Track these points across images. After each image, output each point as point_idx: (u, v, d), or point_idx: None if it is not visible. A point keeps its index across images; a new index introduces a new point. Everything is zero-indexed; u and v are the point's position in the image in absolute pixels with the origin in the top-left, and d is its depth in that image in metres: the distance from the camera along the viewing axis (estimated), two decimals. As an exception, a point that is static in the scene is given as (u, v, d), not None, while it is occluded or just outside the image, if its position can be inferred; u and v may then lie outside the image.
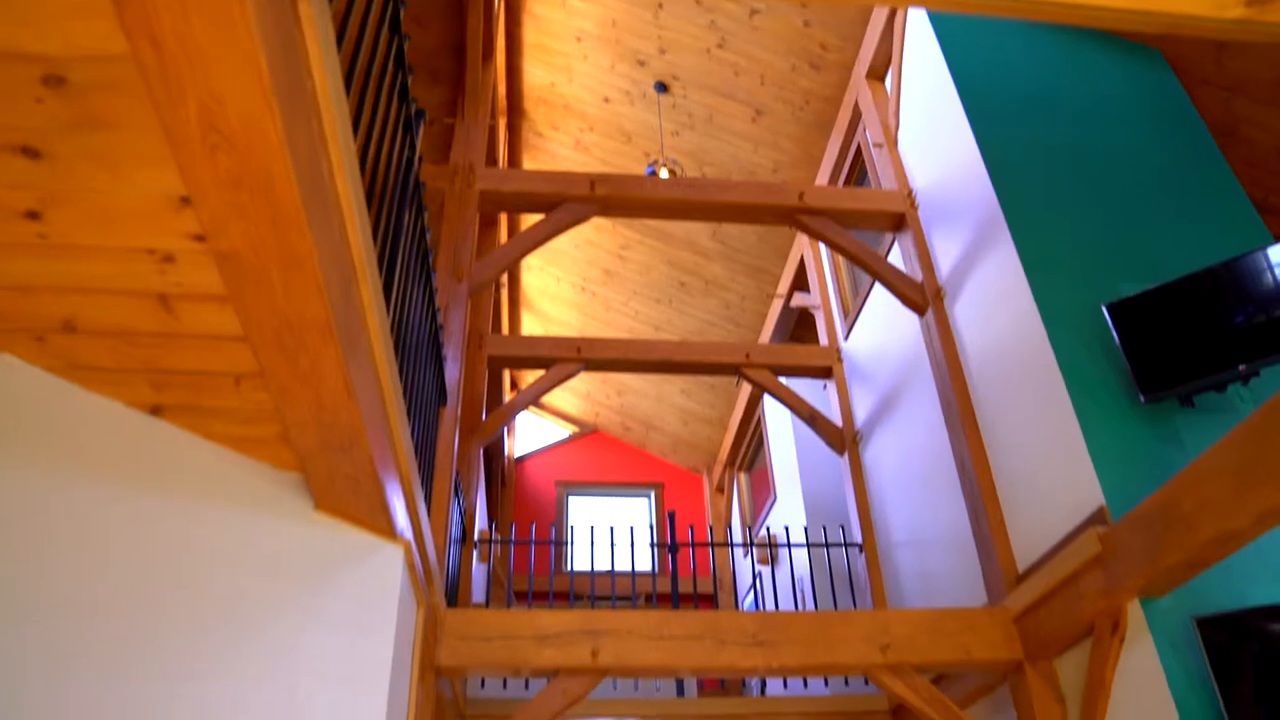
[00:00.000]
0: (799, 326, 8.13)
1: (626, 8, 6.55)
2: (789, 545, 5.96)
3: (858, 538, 6.01)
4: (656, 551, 9.64)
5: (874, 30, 5.85)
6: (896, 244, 5.56)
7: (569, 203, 5.15)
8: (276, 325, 1.82)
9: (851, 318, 6.47)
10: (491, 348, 6.17)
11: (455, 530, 4.95)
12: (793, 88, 6.47)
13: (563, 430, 11.17)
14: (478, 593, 6.14)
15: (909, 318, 5.43)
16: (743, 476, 9.62)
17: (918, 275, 5.15)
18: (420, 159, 3.13)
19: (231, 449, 2.53)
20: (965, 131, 4.80)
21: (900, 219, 5.38)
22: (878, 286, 5.98)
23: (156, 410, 2.42)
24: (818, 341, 7.05)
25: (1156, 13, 1.95)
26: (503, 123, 7.51)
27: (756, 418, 8.77)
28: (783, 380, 6.49)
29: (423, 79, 6.51)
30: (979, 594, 4.46)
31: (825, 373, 6.61)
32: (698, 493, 10.68)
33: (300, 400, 2.03)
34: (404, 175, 2.84)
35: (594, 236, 8.37)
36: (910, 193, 5.43)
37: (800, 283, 7.55)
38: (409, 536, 2.78)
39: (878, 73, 5.99)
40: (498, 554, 8.24)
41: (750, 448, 9.31)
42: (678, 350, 6.30)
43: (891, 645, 3.97)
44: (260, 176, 1.49)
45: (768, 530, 7.67)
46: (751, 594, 7.90)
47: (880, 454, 5.90)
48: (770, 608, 7.55)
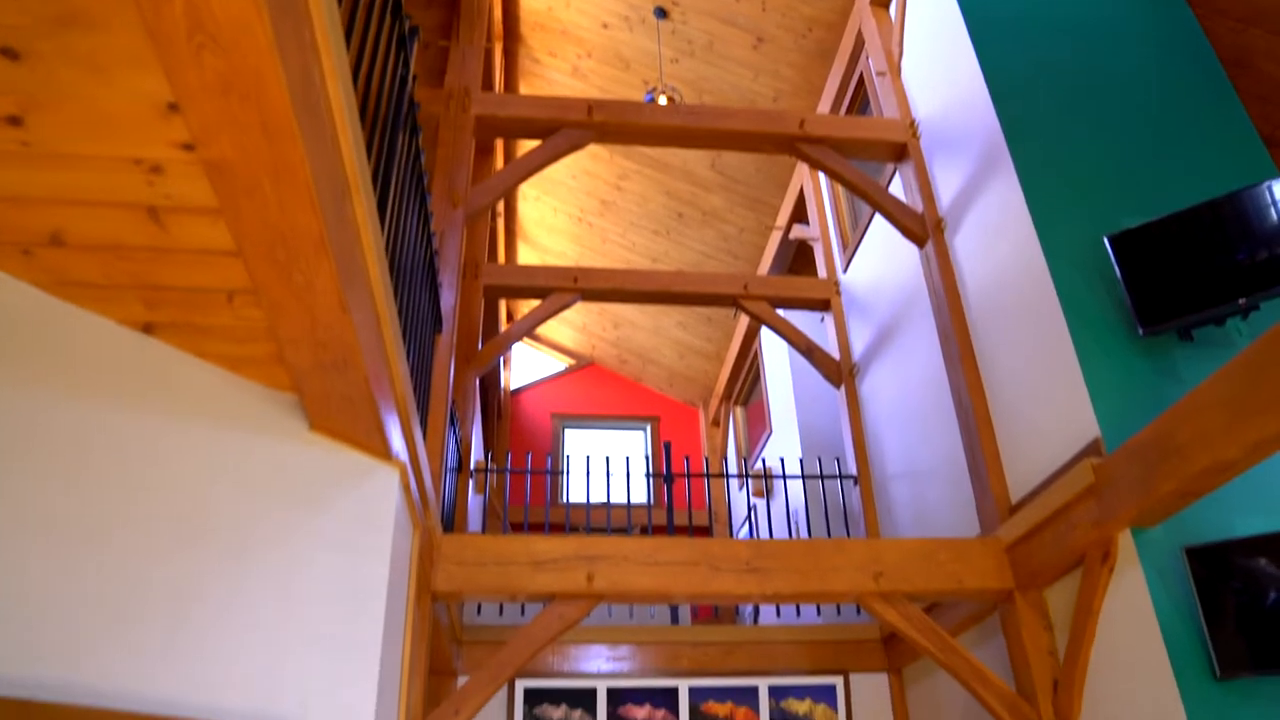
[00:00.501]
0: (797, 260, 8.09)
1: (626, -71, 6.39)
2: (784, 477, 5.99)
3: (853, 470, 6.04)
4: (652, 483, 9.71)
5: (879, -46, 5.73)
6: (898, 174, 5.50)
7: (566, 129, 5.07)
8: (269, 239, 1.79)
9: (850, 250, 6.42)
10: (488, 277, 6.12)
11: (451, 459, 4.96)
12: (795, 14, 6.34)
13: (559, 363, 11.17)
14: (474, 524, 6.18)
15: (908, 250, 5.39)
16: (739, 410, 9.65)
17: (918, 206, 5.10)
18: (415, 78, 3.07)
19: (225, 368, 2.52)
20: (970, 59, 4.72)
21: (902, 149, 5.31)
22: (877, 218, 5.93)
23: (148, 328, 2.39)
24: (816, 275, 7.01)
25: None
26: (499, 48, 7.36)
27: (753, 351, 8.76)
28: (780, 313, 6.46)
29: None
30: (972, 525, 4.50)
31: (823, 305, 6.58)
32: (693, 426, 10.72)
33: (294, 317, 2.00)
34: (397, 93, 2.78)
35: (591, 167, 8.27)
36: (913, 122, 5.35)
37: (799, 215, 7.48)
38: (404, 459, 2.77)
39: (882, -1, 5.89)
40: (494, 485, 8.29)
41: (747, 381, 9.32)
42: (675, 281, 6.25)
43: (884, 574, 4.01)
44: (249, 80, 1.45)
45: (763, 462, 7.71)
46: (746, 526, 7.98)
47: (877, 387, 5.90)
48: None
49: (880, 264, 5.93)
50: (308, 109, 1.57)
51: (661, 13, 6.85)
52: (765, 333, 8.28)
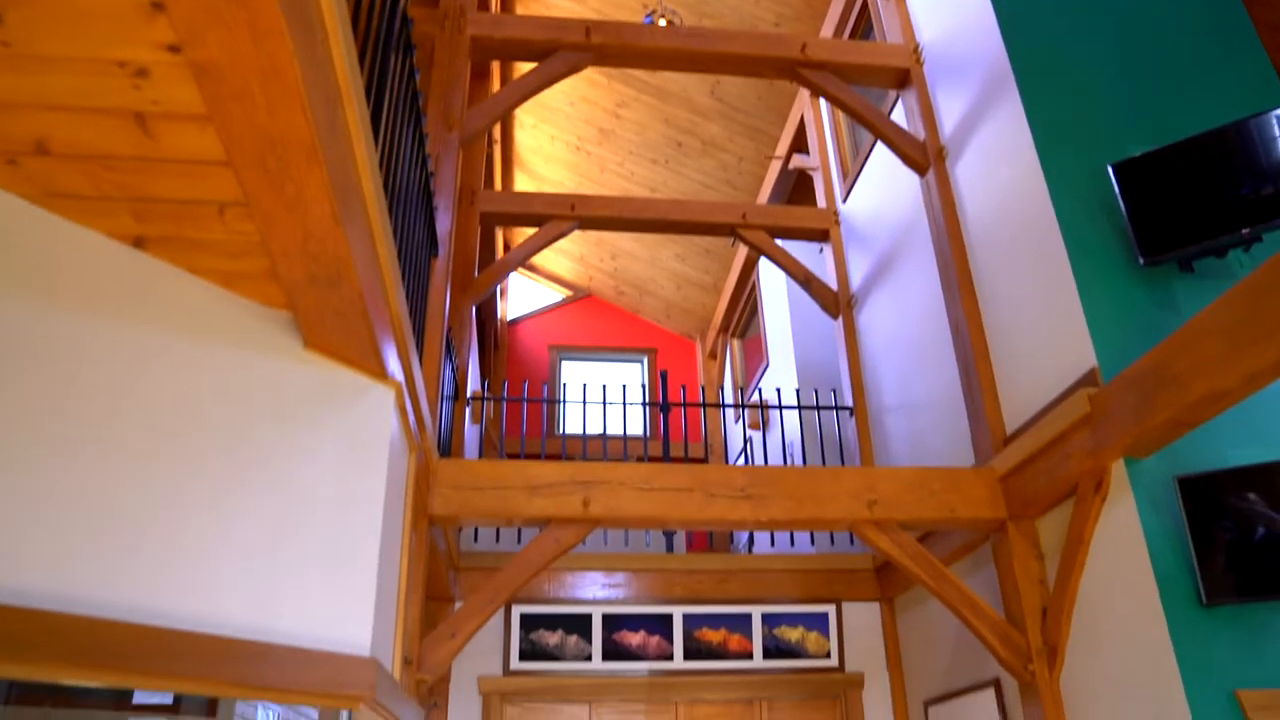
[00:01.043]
0: (796, 191, 8.01)
1: None
2: (780, 407, 6.00)
3: (849, 402, 6.05)
4: (648, 413, 9.74)
5: (887, -127, 5.57)
6: (900, 102, 5.41)
7: (564, 50, 4.97)
8: (259, 146, 1.75)
9: (850, 180, 6.35)
10: (484, 204, 6.06)
11: (448, 387, 4.96)
12: (799, -64, 6.19)
13: (556, 294, 11.12)
14: (470, 454, 6.21)
15: (909, 179, 5.33)
16: (735, 343, 9.64)
17: (920, 134, 5.03)
18: (408, -9, 2.99)
19: (218, 284, 2.48)
20: (977, -19, 4.61)
21: (905, 75, 5.21)
22: (878, 148, 5.85)
23: (139, 242, 2.36)
24: (815, 206, 6.95)
25: None
26: (495, -33, 7.20)
27: (751, 283, 8.73)
28: (779, 244, 6.41)
29: (412, -82, 6.20)
30: (967, 457, 4.52)
31: (822, 235, 6.53)
32: (690, 359, 10.72)
33: (286, 229, 1.97)
34: (390, 7, 2.71)
35: (589, 93, 8.14)
36: (917, 47, 5.25)
37: (799, 145, 7.39)
38: (400, 379, 2.76)
39: (889, -80, 5.73)
40: (490, 415, 8.31)
41: (744, 314, 9.30)
42: (673, 209, 6.20)
43: (878, 502, 4.03)
44: (235, -25, 1.40)
45: (759, 393, 7.72)
46: (742, 458, 8.02)
47: (874, 318, 5.88)
48: (758, 470, 7.66)
49: (880, 194, 5.87)
50: (296, 8, 1.52)
51: (662, -66, 6.69)
52: (763, 265, 8.24)
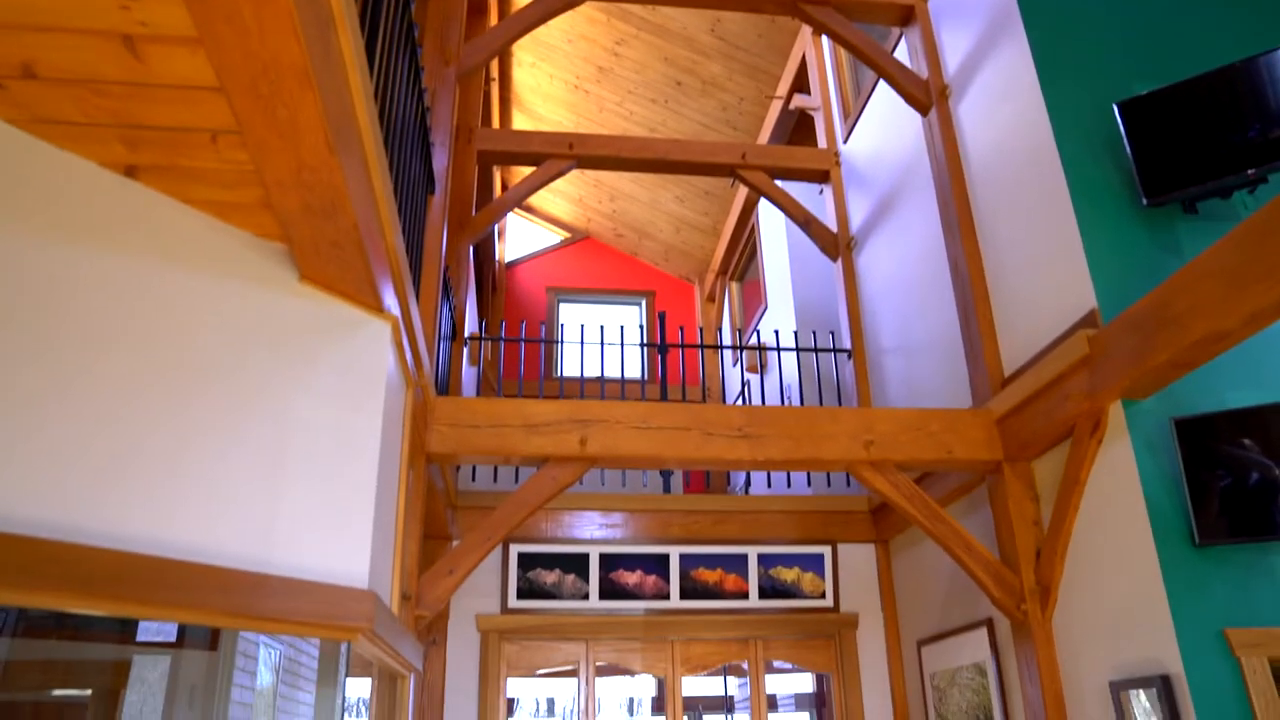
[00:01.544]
0: (797, 132, 7.91)
1: None
2: (778, 349, 5.99)
3: (847, 344, 6.04)
4: (646, 354, 9.74)
5: None
6: (903, 40, 5.32)
7: (562, -18, 4.88)
8: (251, 70, 1.71)
9: (852, 120, 6.27)
10: (481, 142, 5.98)
11: (445, 327, 4.94)
12: None
13: (554, 236, 11.05)
14: (468, 395, 6.20)
15: (911, 119, 5.26)
16: (734, 286, 9.60)
17: (923, 73, 4.96)
18: (403, -83, 2.92)
19: (211, 215, 2.45)
20: (985, -85, 4.51)
21: (909, 12, 5.13)
22: (880, 87, 5.77)
23: (131, 171, 2.32)
24: (816, 147, 6.87)
25: None
26: (492, -101, 7.03)
27: (750, 225, 8.67)
28: (779, 184, 6.35)
29: None
30: (965, 400, 4.52)
31: (822, 176, 6.47)
32: (689, 302, 10.69)
33: (280, 157, 1.94)
34: (386, -69, 2.64)
35: (588, 31, 8.01)
36: (922, -17, 5.15)
37: (801, 84, 7.29)
38: (396, 313, 2.74)
39: None
40: (488, 356, 8.31)
41: (743, 257, 9.25)
42: (672, 149, 6.12)
43: (875, 442, 4.04)
44: (223, -113, 1.36)
45: (758, 336, 7.72)
46: (740, 402, 8.03)
47: (874, 260, 5.85)
48: (755, 413, 7.67)
49: (882, 134, 5.80)
50: (287, -75, 1.48)
51: None
52: (763, 207, 8.18)
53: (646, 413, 3.96)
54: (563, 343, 5.91)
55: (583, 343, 5.77)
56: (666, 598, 5.25)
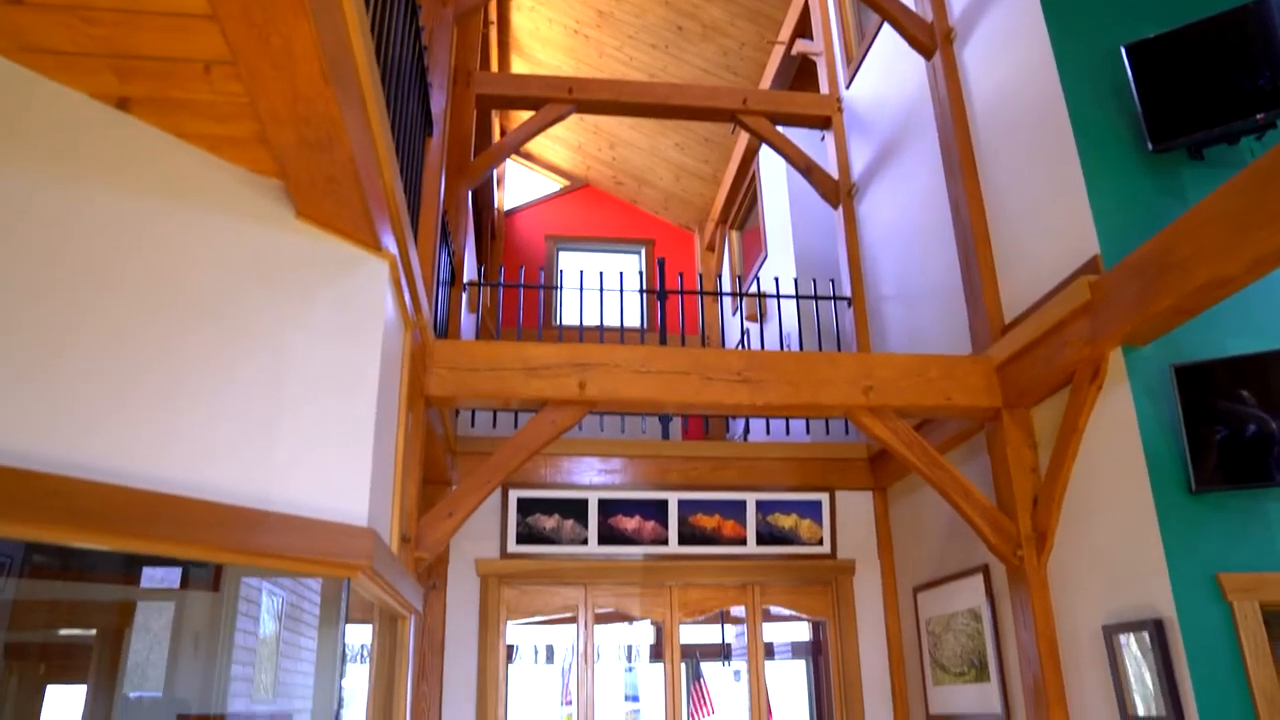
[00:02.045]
0: (799, 78, 7.82)
1: None
2: (778, 296, 5.97)
3: (847, 292, 6.02)
4: (645, 302, 9.72)
5: None
6: (910, -18, 5.24)
7: (563, -78, 4.78)
8: (244, -4, 1.68)
9: (855, 65, 6.19)
10: (480, 86, 5.90)
11: (444, 272, 4.91)
12: None
13: (553, 184, 10.97)
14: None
15: (914, 64, 5.19)
16: (734, 234, 9.55)
17: (928, 15, 4.88)
18: None
19: (206, 150, 2.42)
20: None
21: (916, -47, 5.04)
22: (883, 31, 5.68)
23: (123, 103, 2.29)
24: (818, 93, 6.79)
25: None
26: None
27: (751, 173, 8.60)
28: (780, 131, 6.28)
29: None
30: (965, 347, 4.51)
31: (824, 123, 6.40)
32: (689, 250, 10.64)
33: (274, 88, 1.91)
34: None
35: (588, -28, 7.89)
36: (929, -76, 5.05)
37: (803, 29, 7.17)
38: (394, 252, 2.72)
39: None
40: (487, 304, 8.28)
41: (743, 205, 9.19)
42: (673, 94, 6.05)
43: (874, 388, 4.04)
44: None
45: (758, 283, 7.69)
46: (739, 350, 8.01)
47: (875, 207, 5.81)
48: (755, 362, 7.67)
49: (885, 80, 5.73)
50: None
51: None
52: (763, 154, 8.10)
53: (646, 357, 3.95)
54: (561, 289, 5.89)
55: (582, 289, 5.75)
56: (665, 543, 5.28)
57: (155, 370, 2.24)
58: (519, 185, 10.88)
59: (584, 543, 5.22)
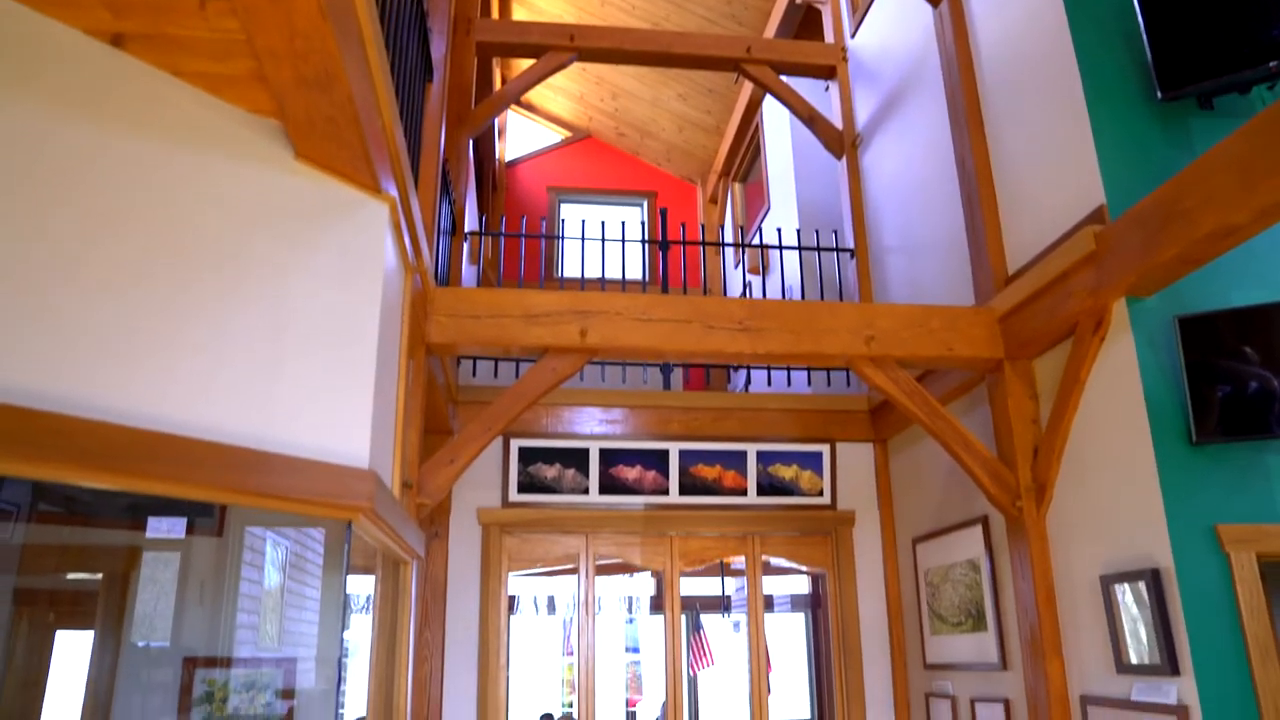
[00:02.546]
0: (804, 27, 7.70)
1: None
2: (780, 247, 5.94)
3: (850, 244, 5.99)
4: (647, 253, 9.68)
5: None
6: (918, -73, 5.14)
7: None
8: (238, -74, 1.65)
9: (860, 14, 6.10)
10: (480, 34, 5.82)
11: (445, 222, 4.88)
12: None
13: (555, 135, 10.87)
14: (468, 289, 6.15)
15: (920, 11, 5.11)
16: (737, 187, 9.49)
17: (938, -39, 4.80)
18: None
19: (203, 89, 2.39)
20: None
21: (925, -103, 4.94)
22: (893, -22, 5.60)
23: (118, 40, 2.25)
24: (823, 42, 6.70)
25: None
26: None
27: (754, 124, 8.52)
28: (784, 81, 6.21)
29: None
30: (968, 299, 4.49)
31: (829, 73, 6.32)
32: (691, 203, 10.58)
33: (271, 24, 1.88)
34: None
35: (591, -82, 7.75)
36: None
37: (810, -23, 7.06)
38: (394, 194, 2.70)
39: None
40: (488, 255, 8.25)
41: (746, 157, 9.11)
42: (676, 42, 5.97)
43: (876, 338, 4.03)
44: None
45: (760, 235, 7.65)
46: (739, 302, 7.97)
47: (879, 158, 5.76)
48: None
49: (890, 28, 5.65)
50: None
51: None
52: (767, 105, 8.02)
53: (647, 304, 3.93)
54: (563, 238, 5.86)
55: (583, 239, 5.72)
56: (666, 493, 5.30)
57: (156, 310, 2.23)
58: (521, 137, 10.79)
59: (585, 492, 5.24)
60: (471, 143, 5.92)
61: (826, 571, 5.44)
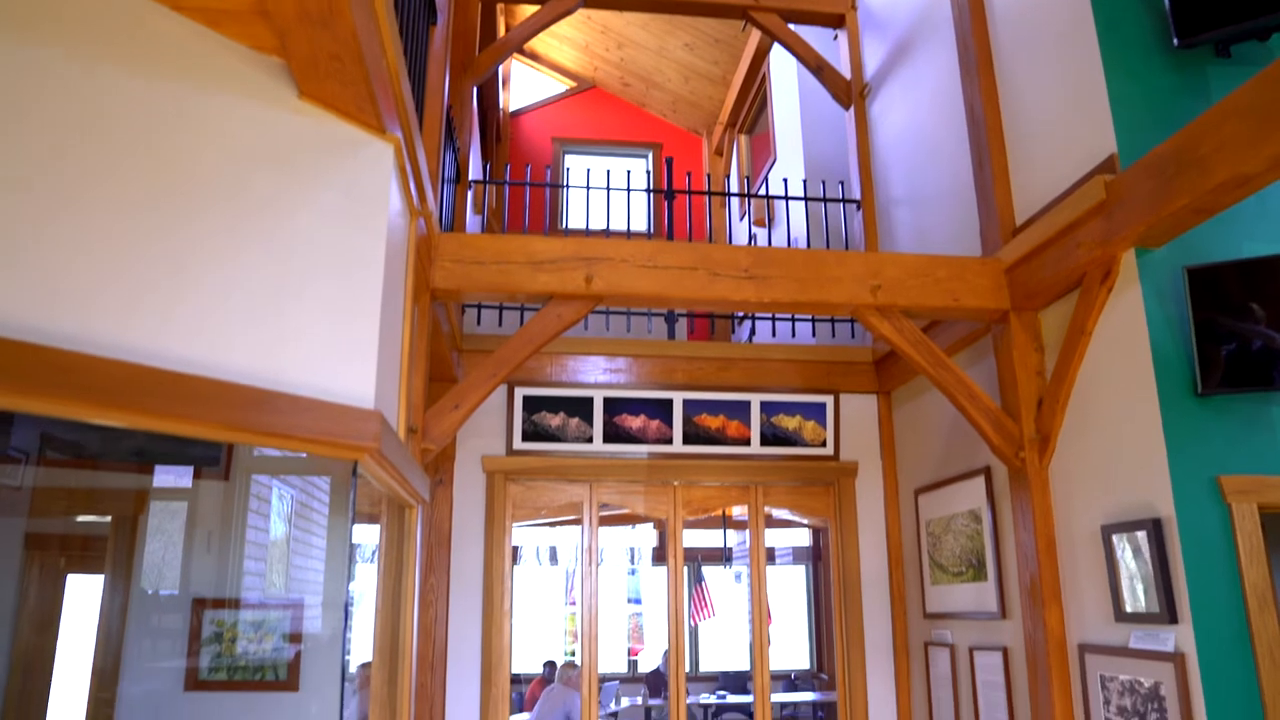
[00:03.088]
0: (814, -25, 7.59)
1: None
2: (786, 198, 5.90)
3: (857, 195, 5.94)
4: (652, 204, 9.63)
5: None
6: None
7: None
8: None
9: (873, -40, 6.01)
10: (485, -23, 5.75)
11: (449, 170, 4.85)
12: None
13: (559, 85, 10.76)
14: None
15: (935, -43, 5.03)
16: (743, 139, 9.40)
17: (951, -95, 4.71)
18: None
19: (204, 24, 2.36)
20: None
21: None
22: (905, -77, 5.50)
23: (118, -27, 2.22)
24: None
25: None
26: None
27: (761, 75, 8.42)
28: (792, 29, 6.13)
29: None
30: (975, 250, 4.47)
31: (838, 21, 6.23)
32: (697, 155, 10.50)
33: (273, -45, 1.85)
34: None
35: None
36: None
37: (820, -77, 6.94)
38: (399, 135, 2.67)
39: None
40: (492, 205, 8.21)
41: (753, 108, 9.03)
42: (684, -13, 5.89)
43: (882, 287, 4.01)
44: None
45: (766, 187, 7.60)
46: (744, 255, 7.94)
47: (887, 107, 5.69)
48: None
49: (904, -25, 5.56)
50: None
51: None
52: (774, 55, 7.93)
53: (653, 251, 3.92)
54: (568, 187, 5.82)
55: (588, 188, 5.69)
56: (669, 442, 5.32)
57: (160, 246, 2.22)
58: (525, 86, 10.68)
59: (589, 441, 5.26)
60: (476, 91, 5.86)
61: (829, 521, 5.47)
